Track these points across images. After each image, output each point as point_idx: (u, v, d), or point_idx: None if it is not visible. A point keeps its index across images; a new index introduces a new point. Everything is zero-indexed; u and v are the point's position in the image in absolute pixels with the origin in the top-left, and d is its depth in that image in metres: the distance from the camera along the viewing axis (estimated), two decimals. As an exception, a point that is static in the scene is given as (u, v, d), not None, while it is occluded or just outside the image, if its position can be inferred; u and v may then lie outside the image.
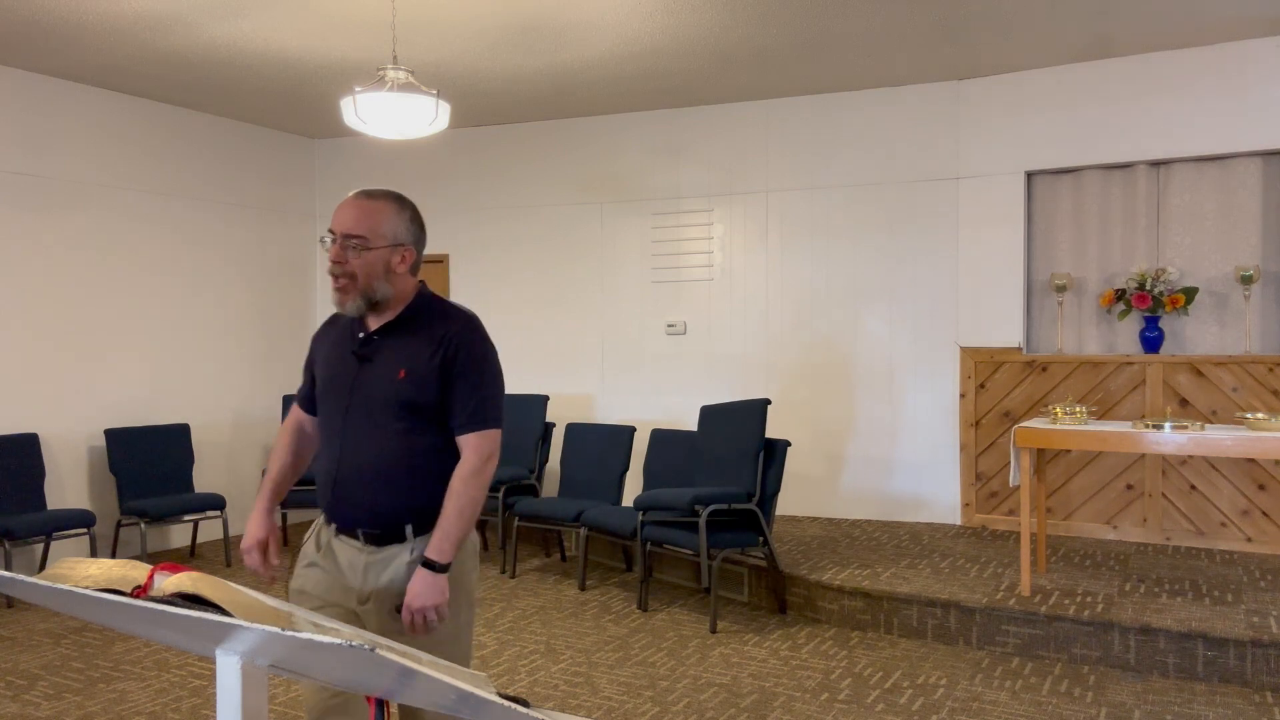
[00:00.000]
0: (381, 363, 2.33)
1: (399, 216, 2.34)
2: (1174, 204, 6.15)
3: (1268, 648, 4.08)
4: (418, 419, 2.30)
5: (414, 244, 2.36)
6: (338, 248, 2.28)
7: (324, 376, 2.44)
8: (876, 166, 6.76)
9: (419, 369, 2.30)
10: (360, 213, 2.30)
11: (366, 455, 2.31)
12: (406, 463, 2.30)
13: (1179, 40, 5.80)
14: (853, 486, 6.84)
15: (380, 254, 2.29)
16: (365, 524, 2.32)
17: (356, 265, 2.28)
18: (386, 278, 2.31)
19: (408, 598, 2.24)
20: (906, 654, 4.60)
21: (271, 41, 5.66)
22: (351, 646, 1.06)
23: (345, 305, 2.32)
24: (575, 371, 7.56)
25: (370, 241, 2.28)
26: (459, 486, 2.29)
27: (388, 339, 2.35)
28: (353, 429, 2.33)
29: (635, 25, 5.43)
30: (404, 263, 2.33)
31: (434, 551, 2.25)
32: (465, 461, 2.32)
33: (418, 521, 2.31)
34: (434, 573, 2.24)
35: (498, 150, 7.80)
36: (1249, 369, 5.78)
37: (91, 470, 6.52)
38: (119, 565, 1.35)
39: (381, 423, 2.30)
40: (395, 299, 2.35)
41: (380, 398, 2.31)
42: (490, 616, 5.33)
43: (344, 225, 2.29)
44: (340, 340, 2.43)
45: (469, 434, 2.33)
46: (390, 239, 2.31)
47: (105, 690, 4.21)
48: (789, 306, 6.99)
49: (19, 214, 6.17)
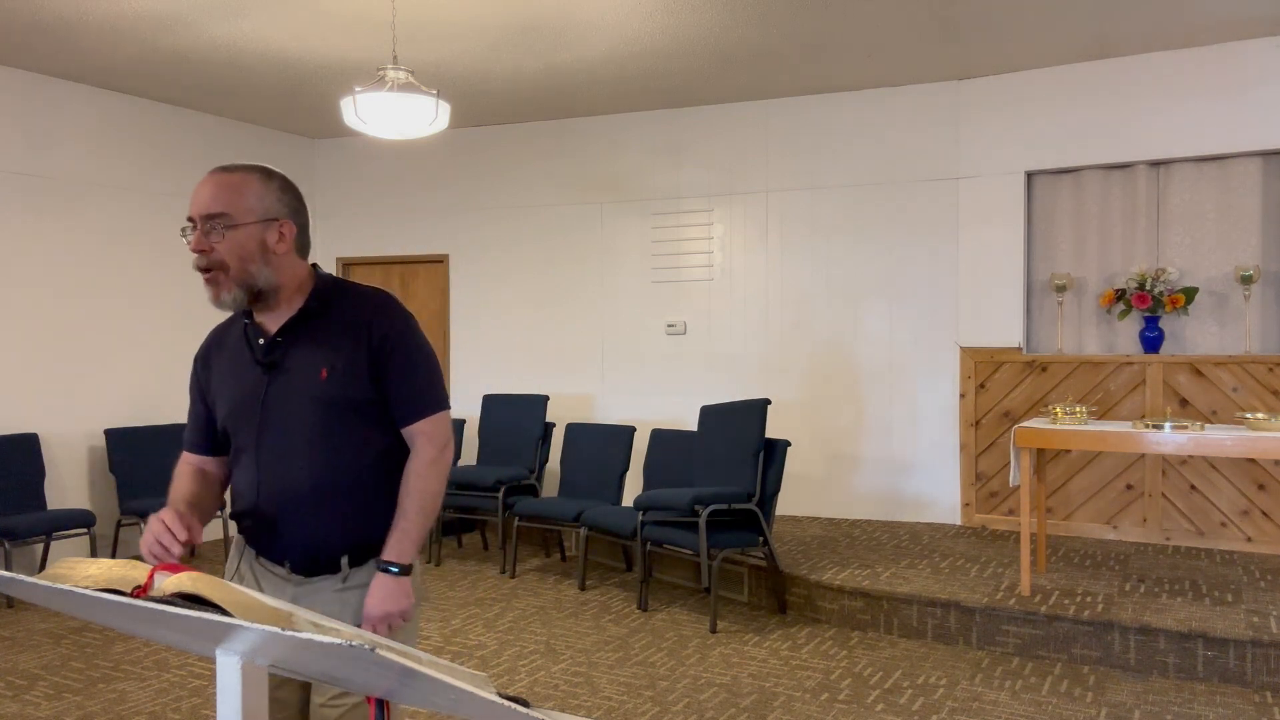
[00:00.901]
0: (295, 367, 2.01)
1: (265, 187, 1.99)
2: (1174, 204, 6.15)
3: (1268, 648, 4.08)
4: (351, 422, 2.00)
5: (291, 217, 2.01)
6: (198, 234, 1.94)
7: (228, 401, 2.07)
8: (876, 166, 6.76)
9: (342, 365, 1.99)
10: (218, 188, 1.95)
11: (292, 480, 2.00)
12: (342, 482, 2.01)
13: (1179, 40, 5.80)
14: (852, 486, 6.84)
15: (250, 231, 1.95)
16: (294, 555, 2.03)
17: (223, 250, 1.93)
18: (264, 260, 1.97)
19: (367, 605, 2.00)
20: (906, 654, 4.60)
21: (271, 41, 5.66)
22: (351, 646, 1.06)
23: (221, 299, 1.97)
24: (575, 371, 7.56)
25: (234, 217, 1.93)
26: (417, 481, 2.03)
27: (295, 338, 2.03)
28: (271, 451, 2.00)
29: (635, 25, 5.43)
30: (283, 241, 1.99)
31: (393, 553, 2.01)
32: (420, 452, 2.04)
33: (354, 552, 2.03)
34: (395, 576, 2.00)
35: (498, 150, 7.80)
36: (1249, 369, 5.78)
37: (91, 470, 6.52)
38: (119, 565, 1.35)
39: (307, 437, 1.99)
40: (285, 287, 2.02)
41: (300, 408, 1.99)
42: (490, 616, 5.33)
43: (201, 205, 1.94)
44: (235, 356, 2.08)
45: (418, 422, 2.04)
46: (260, 213, 1.96)
47: (105, 690, 4.21)
48: (789, 306, 6.99)
49: (19, 214, 6.17)
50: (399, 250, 8.10)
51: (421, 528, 2.04)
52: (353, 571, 2.04)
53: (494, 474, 6.46)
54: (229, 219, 1.94)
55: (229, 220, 1.94)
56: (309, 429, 1.99)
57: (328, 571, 2.03)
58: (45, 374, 6.30)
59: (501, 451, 6.94)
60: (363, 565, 2.05)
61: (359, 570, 2.04)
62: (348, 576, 2.03)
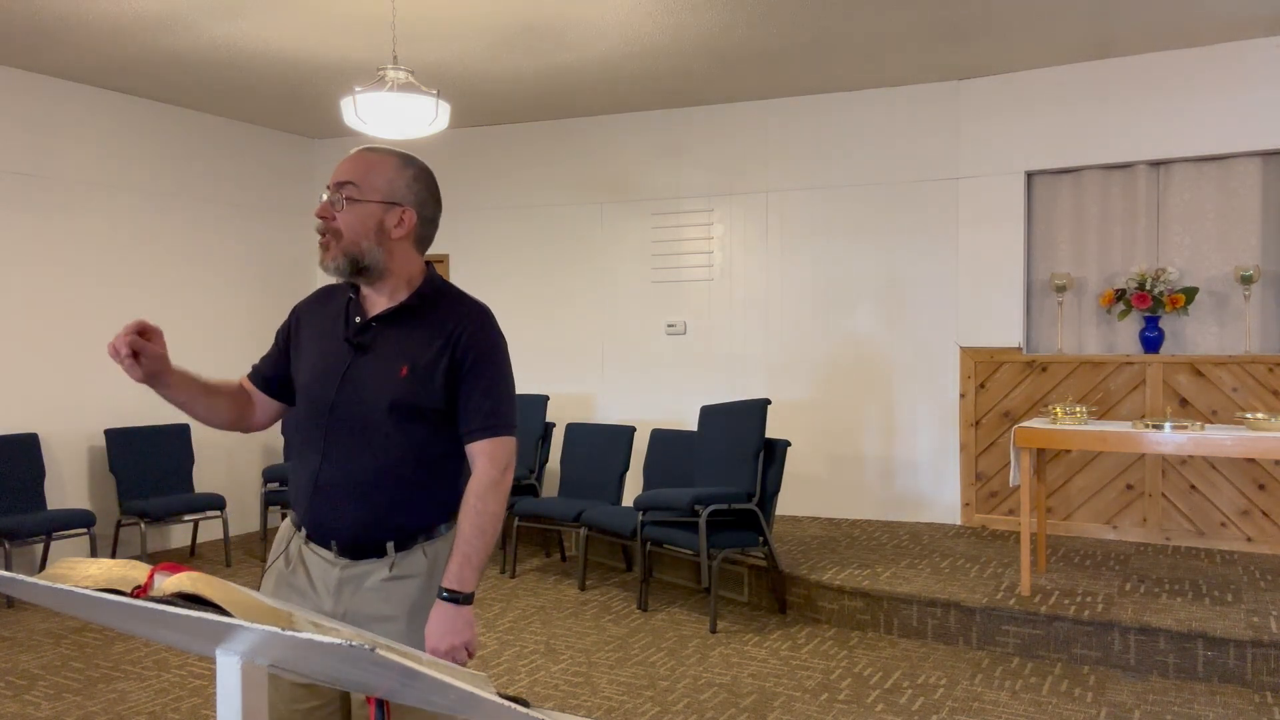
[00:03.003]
0: (381, 355, 2.02)
1: (400, 173, 2.03)
2: (1174, 204, 6.15)
3: (1268, 648, 4.08)
4: (418, 423, 2.00)
5: (416, 208, 2.04)
6: (325, 202, 2.00)
7: (309, 364, 2.09)
8: (876, 166, 6.76)
9: (423, 366, 2.00)
10: (354, 162, 2.02)
11: (355, 461, 1.99)
12: (401, 473, 2.00)
13: (1179, 40, 5.80)
14: (853, 486, 6.84)
15: (370, 209, 1.99)
16: (343, 536, 2.01)
17: (342, 220, 1.98)
18: (378, 240, 2.00)
19: (429, 641, 1.93)
20: (906, 654, 4.60)
21: (271, 41, 5.66)
22: (352, 646, 1.06)
23: (325, 264, 2.01)
24: (575, 371, 7.56)
25: (360, 191, 1.99)
26: (477, 503, 1.98)
27: (389, 328, 2.04)
28: (340, 429, 2.00)
29: (635, 25, 5.43)
30: (401, 226, 2.01)
31: (454, 580, 1.94)
32: (482, 472, 2.00)
33: (400, 537, 2.01)
34: (457, 605, 1.94)
35: (498, 150, 7.80)
36: (1249, 369, 5.78)
37: (91, 470, 6.52)
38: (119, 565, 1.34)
39: (375, 424, 1.99)
40: (394, 274, 2.04)
41: (376, 396, 1.99)
42: (490, 616, 5.33)
43: (336, 174, 2.02)
44: (332, 324, 2.10)
45: (483, 441, 2.02)
46: (384, 194, 2.00)
47: (105, 690, 4.21)
48: (789, 306, 6.99)
49: (20, 214, 6.17)
50: (399, 250, 8.09)
51: (483, 552, 1.99)
52: (399, 558, 2.00)
53: (494, 474, 6.45)
54: (356, 190, 1.99)
55: (355, 193, 1.99)
56: (377, 417, 1.99)
57: (374, 555, 2.00)
58: (45, 374, 6.30)
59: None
60: (410, 550, 2.02)
61: (405, 557, 2.01)
62: (394, 564, 2.00)
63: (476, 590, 2.00)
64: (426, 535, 2.04)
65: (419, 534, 2.03)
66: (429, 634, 1.95)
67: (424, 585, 2.02)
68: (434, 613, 1.96)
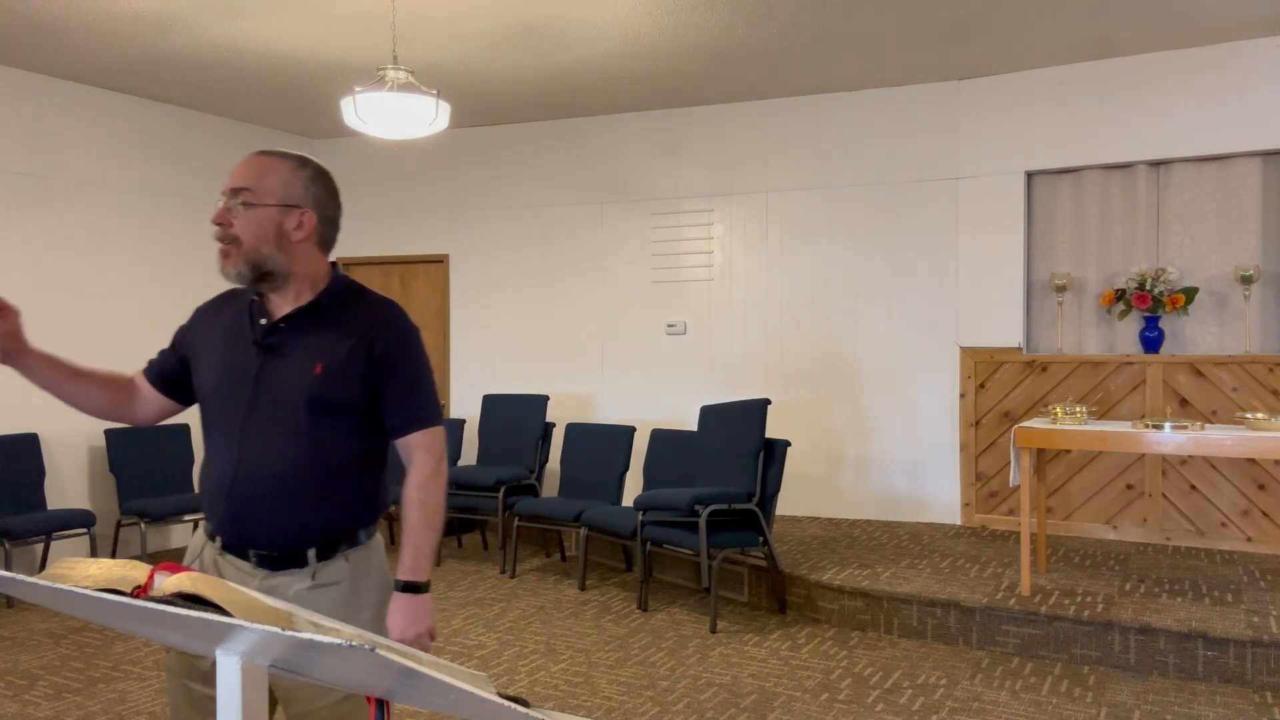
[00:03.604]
0: (292, 355, 2.00)
1: (296, 175, 2.02)
2: (1174, 204, 6.15)
3: (1268, 648, 4.08)
4: (336, 421, 1.99)
5: (315, 209, 2.02)
6: (222, 209, 2.00)
7: (216, 370, 2.06)
8: (876, 166, 6.76)
9: (338, 364, 1.99)
10: (248, 167, 2.02)
11: (272, 464, 1.96)
12: (321, 473, 1.98)
13: (1179, 40, 5.80)
14: (853, 486, 6.84)
15: (268, 213, 1.98)
16: (261, 544, 1.97)
17: (240, 226, 1.98)
18: (278, 244, 1.99)
19: (393, 631, 1.97)
20: (906, 654, 4.60)
21: (271, 41, 5.66)
22: (351, 646, 1.06)
23: (227, 271, 2.01)
24: (575, 371, 7.56)
25: (256, 196, 1.98)
26: (419, 494, 2.01)
27: (298, 328, 2.02)
28: (255, 432, 1.98)
29: (635, 25, 5.43)
30: (301, 229, 2.00)
31: (410, 572, 1.98)
32: (420, 464, 2.03)
33: (323, 544, 1.99)
34: (416, 595, 1.98)
35: (498, 150, 7.80)
36: (1249, 369, 5.78)
37: (91, 470, 6.52)
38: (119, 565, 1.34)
39: (291, 425, 1.97)
40: (297, 276, 2.03)
41: (291, 396, 1.97)
42: (490, 616, 5.33)
43: (230, 180, 2.01)
44: (235, 327, 2.08)
45: (416, 433, 2.03)
46: (281, 197, 1.99)
47: (105, 690, 4.21)
48: (789, 306, 6.99)
49: (19, 214, 6.17)
50: (399, 250, 8.10)
51: (432, 542, 2.02)
52: (320, 567, 1.99)
53: (494, 474, 6.46)
54: (251, 195, 1.98)
55: (250, 198, 1.98)
56: (293, 418, 1.97)
57: (294, 565, 1.98)
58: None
59: (501, 451, 6.94)
60: (330, 560, 2.00)
61: (327, 566, 1.99)
62: (316, 573, 1.98)
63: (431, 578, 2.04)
64: (349, 543, 2.03)
65: (341, 542, 2.02)
66: (392, 625, 1.97)
67: (348, 592, 2.01)
68: (395, 605, 1.99)
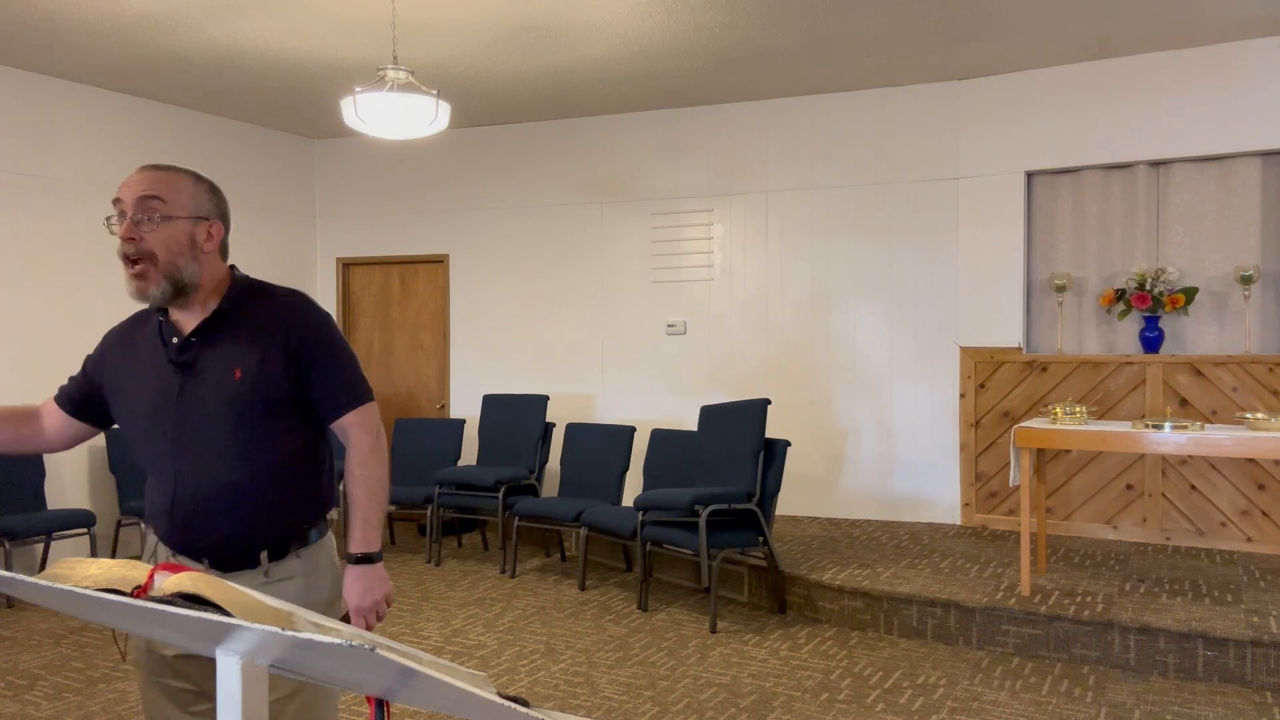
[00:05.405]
0: (209, 368, 2.00)
1: (198, 187, 2.02)
2: (1174, 204, 6.15)
3: (1268, 648, 4.08)
4: (268, 421, 2.01)
5: (220, 219, 2.04)
6: (129, 223, 1.92)
7: (136, 397, 2.05)
8: (876, 166, 6.76)
9: (256, 364, 1.99)
10: (153, 179, 1.96)
11: (209, 480, 1.98)
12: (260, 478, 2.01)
13: (1179, 40, 5.80)
14: (853, 486, 6.84)
15: (182, 226, 1.96)
16: (211, 553, 2.01)
17: (155, 241, 1.93)
18: (193, 256, 1.98)
19: (351, 600, 2.04)
20: (906, 654, 4.60)
21: (271, 41, 5.66)
22: (351, 646, 1.06)
23: (147, 293, 1.95)
24: (575, 371, 7.56)
25: (170, 208, 1.94)
26: (360, 470, 2.07)
27: (210, 339, 2.02)
28: (187, 451, 1.99)
29: (635, 25, 5.43)
30: (211, 240, 2.01)
31: (360, 544, 2.05)
32: (358, 440, 2.08)
33: (274, 545, 2.03)
34: (370, 566, 2.06)
35: (498, 150, 7.80)
36: (1249, 369, 5.78)
37: (91, 470, 6.52)
38: (119, 565, 1.35)
39: (223, 437, 1.98)
40: (204, 287, 2.02)
41: (217, 407, 1.98)
42: (490, 616, 5.33)
43: (135, 190, 1.94)
44: (146, 354, 2.05)
45: (348, 414, 2.08)
46: (192, 209, 1.98)
47: (105, 690, 4.21)
48: (789, 306, 6.99)
49: (19, 214, 6.17)
50: (399, 250, 8.10)
51: (379, 513, 2.08)
52: (273, 565, 2.03)
53: (494, 474, 6.46)
54: (166, 207, 1.95)
55: (166, 210, 1.95)
56: (224, 429, 1.98)
57: (246, 566, 2.01)
58: (45, 374, 6.28)
59: (501, 451, 6.94)
60: (282, 559, 2.05)
61: (279, 564, 2.04)
62: (268, 571, 2.02)
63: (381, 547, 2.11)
64: (299, 542, 2.07)
65: (291, 540, 2.06)
66: (349, 595, 2.04)
67: (302, 586, 2.06)
68: (350, 575, 2.06)
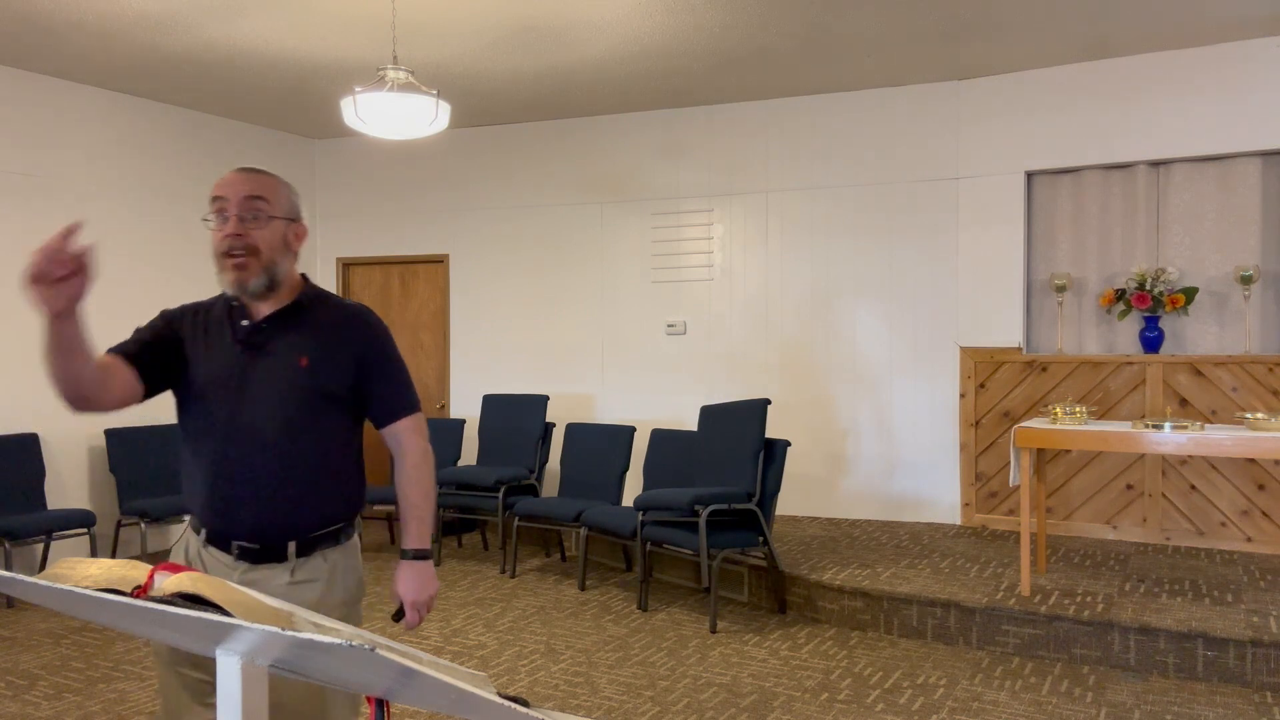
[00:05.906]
0: (276, 353, 2.08)
1: (289, 190, 2.13)
2: (1174, 204, 6.15)
3: (1268, 648, 4.08)
4: (323, 411, 2.08)
5: (303, 222, 2.19)
6: (236, 219, 2.02)
7: (201, 368, 2.09)
8: (876, 166, 6.76)
9: (320, 357, 2.09)
10: (256, 180, 2.07)
11: (261, 459, 2.03)
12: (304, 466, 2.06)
13: (1179, 40, 5.80)
14: (853, 486, 6.84)
15: (279, 225, 2.08)
16: (244, 536, 2.05)
17: (259, 238, 2.03)
18: (285, 253, 2.10)
19: (409, 595, 2.14)
20: (906, 654, 4.60)
21: (271, 41, 5.66)
22: (351, 646, 1.06)
23: (248, 285, 2.04)
24: (575, 371, 7.56)
25: (272, 208, 2.06)
26: (415, 472, 2.18)
27: (280, 327, 2.10)
28: (244, 429, 2.04)
29: (635, 25, 5.43)
30: (298, 240, 2.13)
31: (417, 540, 2.18)
32: (412, 446, 2.19)
33: (304, 538, 2.07)
34: (425, 562, 2.18)
35: (498, 150, 7.80)
36: (1249, 369, 5.78)
37: (91, 470, 6.52)
38: (119, 565, 1.35)
39: (280, 419, 2.04)
40: (284, 285, 2.12)
41: (280, 390, 2.05)
42: (490, 616, 5.33)
43: (240, 190, 2.04)
44: (215, 333, 2.13)
45: (403, 419, 2.19)
46: (287, 210, 2.10)
47: (105, 690, 4.21)
48: (789, 306, 6.99)
49: (19, 214, 6.17)
50: (399, 250, 8.10)
51: (432, 513, 2.20)
52: (299, 563, 2.07)
53: (494, 474, 6.46)
54: (270, 206, 2.06)
55: (268, 208, 2.05)
56: (281, 413, 2.05)
57: (274, 560, 2.06)
58: (45, 374, 6.29)
59: (501, 451, 6.94)
60: (309, 557, 2.09)
61: (305, 564, 2.08)
62: (295, 569, 2.07)
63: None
64: (329, 541, 2.12)
65: (320, 539, 2.11)
66: (405, 589, 2.15)
67: (324, 589, 2.10)
68: (406, 571, 2.16)
